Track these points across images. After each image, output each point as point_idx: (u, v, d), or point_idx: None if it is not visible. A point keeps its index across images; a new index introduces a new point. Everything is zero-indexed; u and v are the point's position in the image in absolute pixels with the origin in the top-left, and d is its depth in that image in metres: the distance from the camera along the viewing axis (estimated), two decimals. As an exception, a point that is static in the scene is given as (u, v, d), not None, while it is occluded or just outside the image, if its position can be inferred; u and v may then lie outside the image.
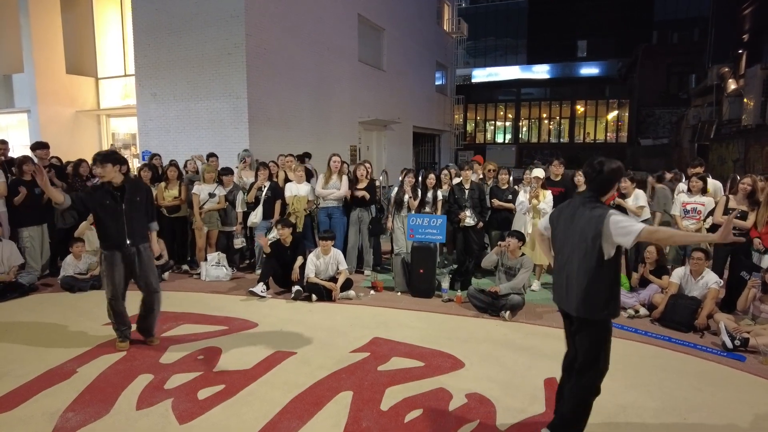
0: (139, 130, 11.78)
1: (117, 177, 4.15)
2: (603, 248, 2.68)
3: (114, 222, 4.10)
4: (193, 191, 6.78)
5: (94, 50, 13.98)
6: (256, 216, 6.84)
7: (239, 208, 6.96)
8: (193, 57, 10.87)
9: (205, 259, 6.72)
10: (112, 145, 13.43)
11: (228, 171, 7.08)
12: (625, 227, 2.60)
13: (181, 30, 10.91)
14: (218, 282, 6.52)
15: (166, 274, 6.62)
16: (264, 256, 6.25)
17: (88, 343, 4.44)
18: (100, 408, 3.35)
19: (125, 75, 13.66)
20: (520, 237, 5.57)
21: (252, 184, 7.03)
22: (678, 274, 5.27)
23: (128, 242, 4.15)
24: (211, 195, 6.79)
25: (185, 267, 7.08)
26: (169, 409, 3.32)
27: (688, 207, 5.97)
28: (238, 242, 6.92)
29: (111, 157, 4.16)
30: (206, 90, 10.86)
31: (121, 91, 13.80)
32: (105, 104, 14.06)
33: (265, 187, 6.90)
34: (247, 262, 7.51)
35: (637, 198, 6.05)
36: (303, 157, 8.74)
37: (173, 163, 7.24)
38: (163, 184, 7.03)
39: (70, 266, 6.19)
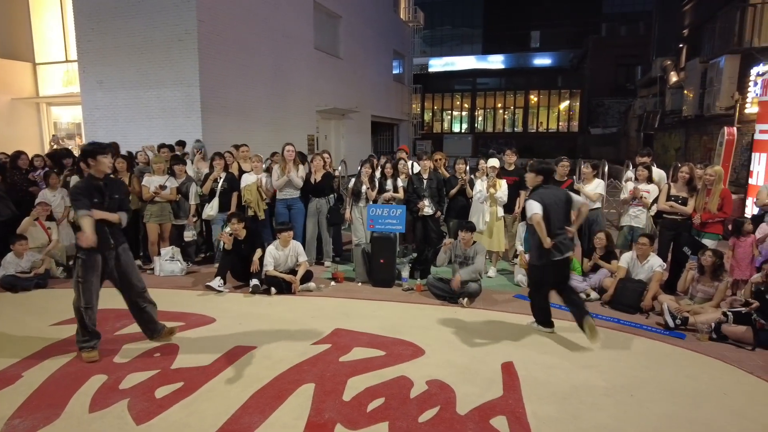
0: (85, 119, 11.21)
1: (105, 170, 3.97)
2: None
3: (99, 221, 3.82)
4: (143, 183, 6.53)
5: (30, 33, 13.13)
6: (212, 209, 6.67)
7: (192, 201, 6.76)
8: (142, 43, 10.41)
9: (159, 254, 6.51)
10: (54, 135, 12.71)
11: (180, 161, 6.83)
12: (577, 199, 4.65)
13: (128, 14, 10.40)
14: (173, 277, 6.34)
15: (117, 270, 6.37)
16: (222, 250, 6.10)
17: (35, 345, 4.23)
18: (50, 413, 3.20)
19: (67, 61, 12.92)
20: (472, 228, 5.71)
21: (207, 176, 6.84)
22: (626, 258, 5.54)
23: (111, 243, 3.95)
24: (162, 187, 6.55)
25: (138, 262, 6.80)
26: (126, 410, 3.22)
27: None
28: (189, 235, 6.71)
29: (111, 147, 3.97)
30: (156, 78, 10.43)
31: (62, 77, 13.05)
32: (45, 92, 13.26)
33: (220, 178, 6.73)
34: (203, 255, 7.33)
35: (597, 186, 6.33)
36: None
37: (122, 155, 6.93)
38: (111, 176, 6.72)
39: (11, 264, 5.86)
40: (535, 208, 4.28)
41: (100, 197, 3.90)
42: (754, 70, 10.72)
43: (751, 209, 7.47)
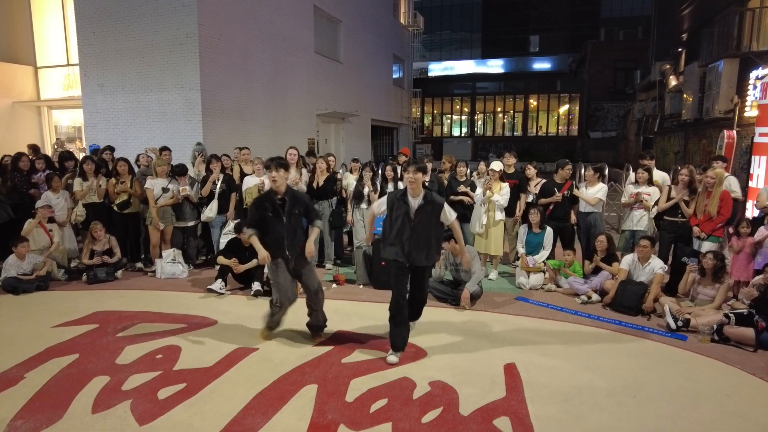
0: (86, 122, 11.23)
1: (284, 185, 4.12)
2: None
3: (274, 233, 4.11)
4: (146, 186, 6.54)
5: (32, 37, 13.18)
6: (211, 210, 6.68)
7: (194, 193, 6.79)
8: (142, 47, 10.44)
9: (160, 256, 6.51)
10: (58, 139, 12.73)
11: (183, 170, 6.80)
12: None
13: (129, 18, 10.44)
14: (174, 279, 6.34)
15: (119, 273, 6.38)
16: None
17: (37, 347, 4.23)
18: (52, 414, 3.20)
19: (68, 64, 12.96)
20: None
21: (205, 178, 6.85)
22: (627, 261, 5.54)
23: (287, 254, 4.16)
24: (165, 190, 6.56)
25: (139, 265, 6.83)
26: (128, 411, 3.22)
27: (636, 197, 6.26)
28: (189, 190, 6.69)
29: (284, 163, 4.15)
30: (157, 81, 10.46)
31: (63, 81, 13.08)
32: (46, 95, 13.29)
33: (219, 180, 6.75)
34: (203, 258, 7.33)
35: (599, 190, 6.31)
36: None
37: (123, 158, 6.93)
38: (113, 179, 6.75)
39: (12, 267, 5.85)
40: (454, 212, 4.25)
41: (273, 210, 4.09)
42: (753, 74, 10.75)
43: (751, 212, 7.49)
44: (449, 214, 4.16)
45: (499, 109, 34.58)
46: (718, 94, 12.30)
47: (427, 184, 6.26)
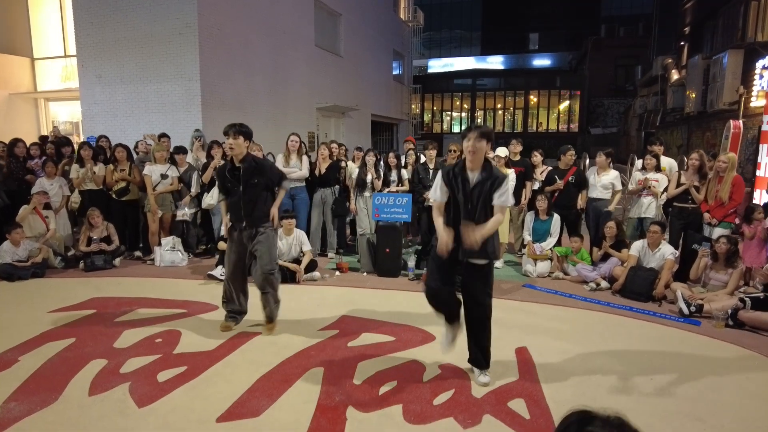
0: (84, 114, 11.06)
1: (241, 154, 3.98)
2: None
3: (234, 202, 4.00)
4: (144, 172, 6.40)
5: (28, 28, 12.98)
6: (212, 197, 6.54)
7: (194, 189, 6.64)
8: (141, 37, 10.28)
9: (159, 244, 6.38)
10: (55, 127, 12.57)
11: (182, 150, 6.70)
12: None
13: (127, 8, 10.28)
14: (174, 267, 6.21)
15: (117, 261, 6.24)
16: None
17: (32, 331, 4.09)
18: (48, 396, 3.07)
19: (66, 56, 12.77)
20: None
21: (206, 164, 6.72)
22: (636, 247, 5.42)
23: (244, 224, 3.99)
24: (164, 176, 6.43)
25: (137, 253, 6.70)
26: (127, 393, 3.09)
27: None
28: (181, 214, 6.55)
29: (244, 130, 3.99)
30: (156, 72, 10.30)
31: (61, 72, 12.91)
32: (43, 87, 13.11)
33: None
34: (203, 247, 7.19)
35: (614, 178, 6.13)
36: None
37: (122, 145, 6.79)
38: (111, 166, 6.61)
39: (7, 253, 5.71)
40: (513, 198, 3.48)
41: (232, 179, 3.98)
42: (759, 63, 10.65)
43: (761, 198, 7.38)
44: (507, 197, 3.14)
45: (499, 106, 34.43)
46: (722, 85, 12.20)
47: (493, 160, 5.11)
